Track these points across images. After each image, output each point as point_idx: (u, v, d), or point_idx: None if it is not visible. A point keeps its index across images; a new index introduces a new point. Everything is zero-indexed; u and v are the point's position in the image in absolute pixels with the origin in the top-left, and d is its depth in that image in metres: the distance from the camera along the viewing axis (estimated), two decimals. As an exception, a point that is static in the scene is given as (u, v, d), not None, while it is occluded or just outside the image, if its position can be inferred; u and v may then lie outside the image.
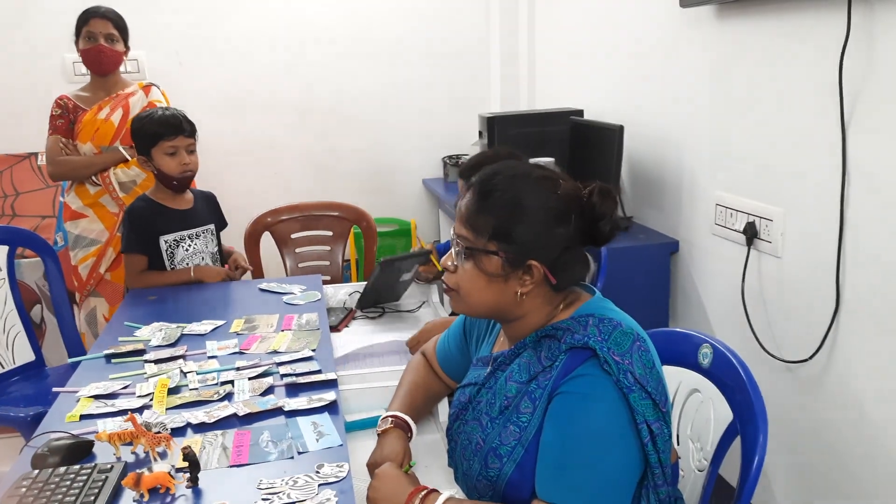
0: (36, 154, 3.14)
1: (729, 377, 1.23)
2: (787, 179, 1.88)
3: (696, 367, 1.31)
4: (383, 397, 1.60)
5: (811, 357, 1.81)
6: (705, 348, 1.29)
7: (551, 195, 1.11)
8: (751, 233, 1.99)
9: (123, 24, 2.73)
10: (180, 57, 3.50)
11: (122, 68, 2.79)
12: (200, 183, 3.59)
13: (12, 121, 3.37)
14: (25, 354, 2.45)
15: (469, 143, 3.65)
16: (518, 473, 1.10)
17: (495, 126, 2.81)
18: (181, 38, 3.49)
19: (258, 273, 2.91)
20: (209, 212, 2.50)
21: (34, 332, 2.51)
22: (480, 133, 2.92)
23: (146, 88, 2.80)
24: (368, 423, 1.52)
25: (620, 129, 2.36)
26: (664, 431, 1.06)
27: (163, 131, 2.23)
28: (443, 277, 1.19)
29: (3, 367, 2.38)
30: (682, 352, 1.33)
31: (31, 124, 3.39)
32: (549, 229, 1.10)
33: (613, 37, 2.76)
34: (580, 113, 2.80)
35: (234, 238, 3.27)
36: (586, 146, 2.59)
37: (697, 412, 1.31)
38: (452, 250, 1.16)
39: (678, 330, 1.35)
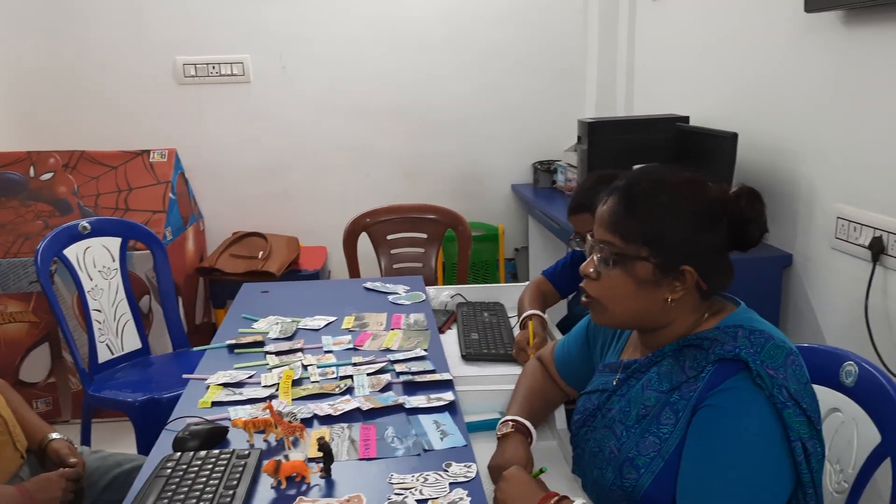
0: (148, 151, 3.28)
1: (877, 398, 1.17)
2: (922, 193, 1.78)
3: (836, 385, 1.25)
4: (496, 400, 1.60)
5: (944, 381, 1.71)
6: (849, 366, 1.23)
7: (702, 198, 1.09)
8: (877, 248, 1.90)
9: None
10: (283, 62, 3.60)
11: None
12: (297, 182, 3.72)
13: (127, 120, 3.55)
14: (133, 342, 2.56)
15: (563, 149, 3.62)
16: (656, 486, 1.08)
17: (595, 132, 2.77)
18: (285, 43, 3.59)
19: (355, 272, 2.97)
20: None
21: (142, 322, 2.62)
22: (579, 138, 2.88)
23: None
24: (484, 426, 1.51)
25: (734, 136, 2.29)
26: (818, 450, 1.02)
27: None
28: (582, 285, 1.18)
29: (113, 353, 2.50)
30: (822, 368, 1.27)
31: (145, 123, 3.57)
32: (700, 233, 1.07)
33: (726, 41, 2.68)
34: (685, 119, 2.74)
35: (332, 237, 3.35)
36: (694, 154, 2.53)
37: (837, 432, 1.25)
38: (594, 257, 1.15)
39: (818, 346, 1.30)
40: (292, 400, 1.46)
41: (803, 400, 1.01)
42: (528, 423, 1.36)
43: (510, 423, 1.36)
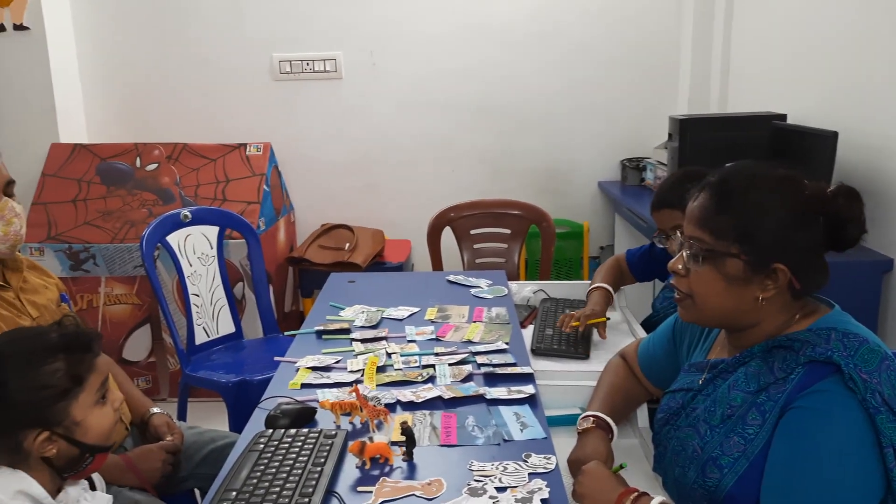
0: (245, 145, 3.44)
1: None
2: None
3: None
4: (577, 396, 1.60)
5: None
6: (954, 376, 1.17)
7: (797, 195, 1.06)
8: None
9: None
10: (374, 58, 3.69)
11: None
12: (384, 176, 3.80)
13: (226, 114, 3.72)
14: (227, 326, 2.69)
15: (652, 147, 3.55)
16: (739, 486, 1.06)
17: (687, 129, 2.71)
18: (375, 40, 3.68)
19: (438, 266, 3.01)
20: None
21: (236, 307, 2.75)
22: (670, 135, 2.83)
23: None
24: (564, 420, 1.52)
25: (834, 135, 2.19)
26: (911, 459, 0.98)
27: None
28: (672, 282, 1.17)
29: (208, 336, 2.63)
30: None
31: (242, 118, 3.73)
32: (794, 231, 1.05)
33: (827, 37, 2.57)
34: (782, 117, 2.64)
35: (416, 231, 3.42)
36: (790, 154, 2.44)
37: (939, 445, 1.19)
38: (683, 253, 1.14)
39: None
40: (376, 385, 1.51)
41: (898, 406, 0.97)
42: (608, 419, 1.36)
43: (591, 418, 1.36)
